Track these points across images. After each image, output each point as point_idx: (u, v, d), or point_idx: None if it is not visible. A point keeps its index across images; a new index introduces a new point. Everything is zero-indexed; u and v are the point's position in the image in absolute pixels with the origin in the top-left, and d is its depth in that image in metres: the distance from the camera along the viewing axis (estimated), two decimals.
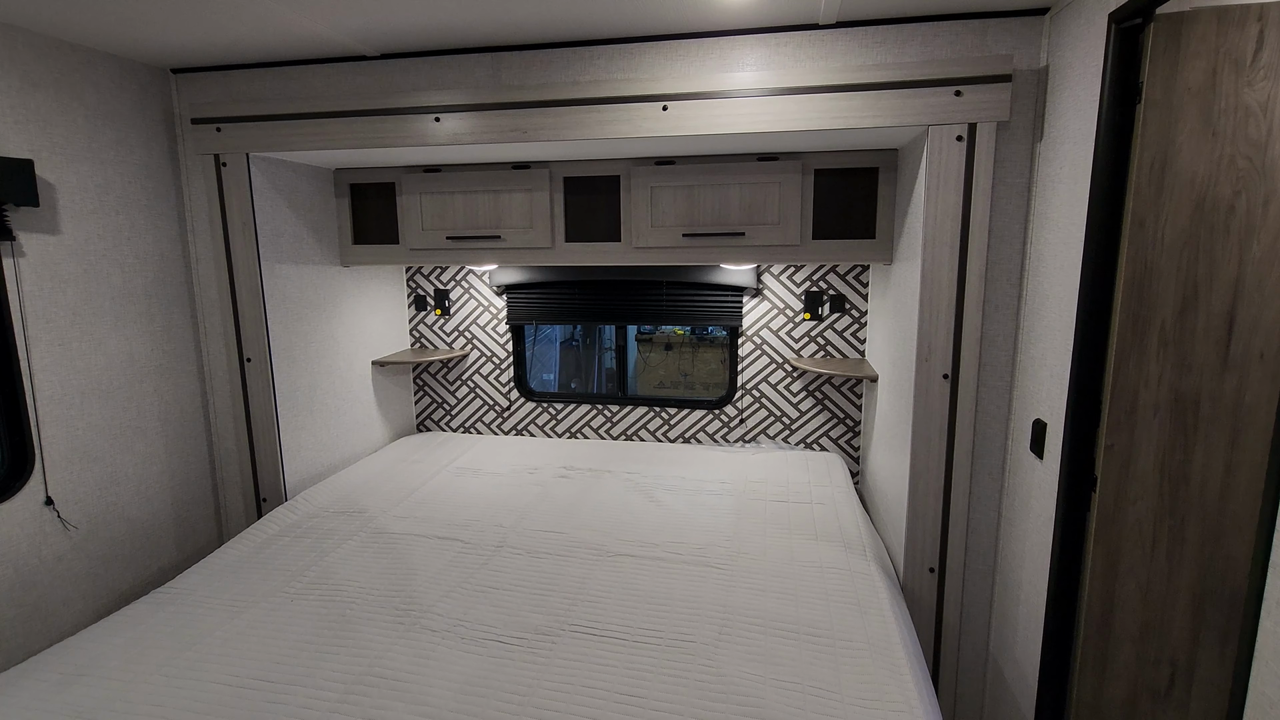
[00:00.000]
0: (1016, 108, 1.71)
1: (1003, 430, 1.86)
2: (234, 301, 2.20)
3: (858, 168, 2.19)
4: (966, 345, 1.79)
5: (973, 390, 1.80)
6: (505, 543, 1.99)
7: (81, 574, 1.96)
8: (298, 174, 2.36)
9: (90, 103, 1.94)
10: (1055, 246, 1.61)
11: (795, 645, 1.50)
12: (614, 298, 2.89)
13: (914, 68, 1.70)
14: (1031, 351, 1.73)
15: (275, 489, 2.30)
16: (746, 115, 1.80)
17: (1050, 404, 1.61)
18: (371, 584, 1.76)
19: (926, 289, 1.79)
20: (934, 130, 1.72)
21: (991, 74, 1.66)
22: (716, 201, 2.26)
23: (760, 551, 1.93)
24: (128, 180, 2.06)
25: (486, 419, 3.12)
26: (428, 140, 1.99)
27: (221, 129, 2.09)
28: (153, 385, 2.16)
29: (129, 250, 2.07)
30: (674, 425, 2.93)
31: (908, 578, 1.94)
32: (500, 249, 2.43)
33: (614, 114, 1.87)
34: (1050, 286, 1.63)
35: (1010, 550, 1.83)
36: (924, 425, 1.85)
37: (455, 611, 1.63)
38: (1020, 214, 1.77)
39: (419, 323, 3.11)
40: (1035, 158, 1.73)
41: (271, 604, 1.68)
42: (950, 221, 1.74)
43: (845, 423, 2.76)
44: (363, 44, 1.96)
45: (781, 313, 2.73)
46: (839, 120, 1.76)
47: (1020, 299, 1.80)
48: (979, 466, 1.88)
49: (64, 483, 1.90)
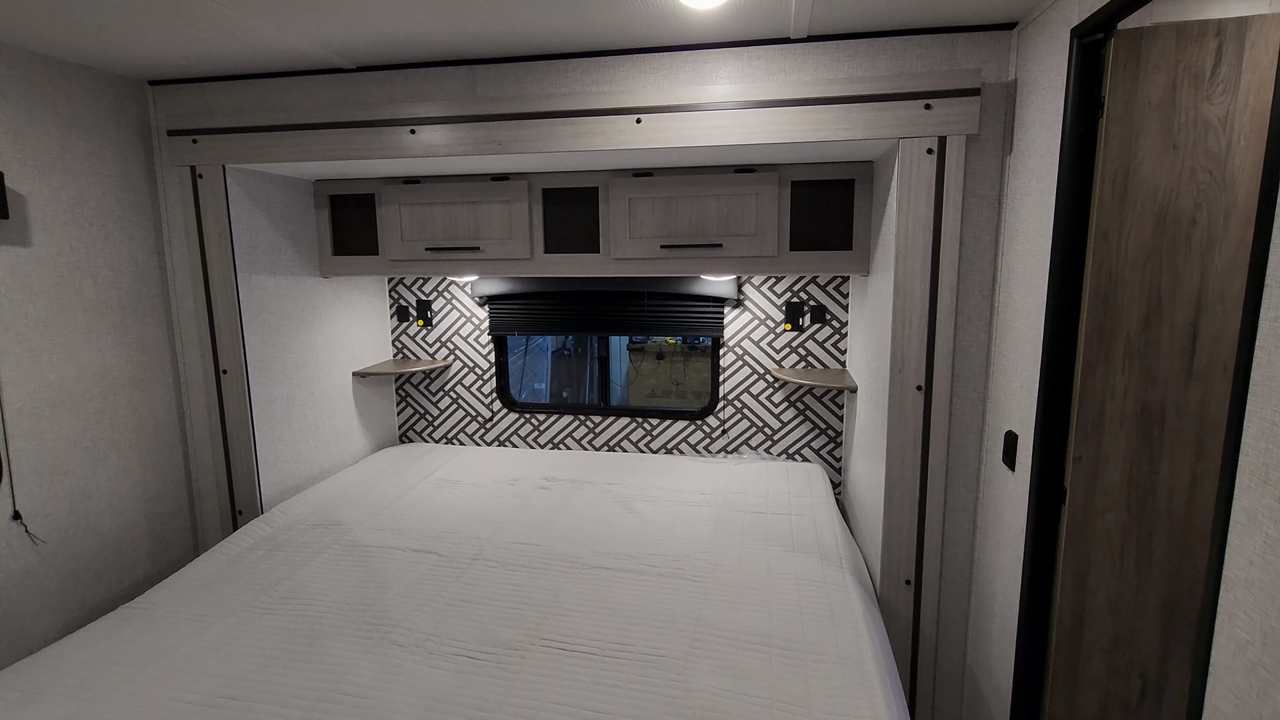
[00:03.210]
0: (986, 121, 1.73)
1: (977, 442, 1.86)
2: (210, 313, 2.19)
3: (834, 179, 2.20)
4: (939, 357, 1.79)
5: (946, 402, 1.80)
6: (481, 555, 1.98)
7: (51, 588, 1.94)
8: (276, 185, 2.35)
9: (64, 114, 1.94)
10: (1025, 258, 1.62)
11: (766, 659, 1.49)
12: (596, 308, 2.89)
13: (885, 81, 1.71)
14: (1003, 363, 1.73)
15: (251, 501, 2.28)
16: (720, 128, 1.81)
17: (1021, 415, 1.61)
18: (343, 598, 1.75)
19: (900, 300, 1.80)
20: (905, 143, 1.73)
21: (961, 87, 1.67)
22: (694, 213, 2.26)
23: (736, 563, 1.92)
24: (102, 192, 2.05)
25: (469, 430, 3.11)
26: (404, 152, 1.99)
27: (197, 140, 2.09)
28: (126, 397, 2.14)
29: (103, 262, 2.06)
30: (656, 436, 2.92)
31: (884, 590, 1.93)
32: (479, 260, 2.43)
33: (588, 126, 1.88)
34: (1020, 298, 1.64)
35: (985, 562, 1.83)
36: (898, 436, 1.85)
37: (425, 626, 1.62)
38: (991, 226, 1.78)
39: (401, 333, 3.10)
40: (1005, 170, 1.74)
41: (240, 618, 1.66)
42: (922, 233, 1.75)
43: (827, 433, 2.76)
44: (339, 56, 1.96)
45: (763, 323, 2.73)
46: (811, 133, 1.77)
47: (992, 310, 1.80)
48: (954, 478, 1.88)
49: (33, 496, 1.88)
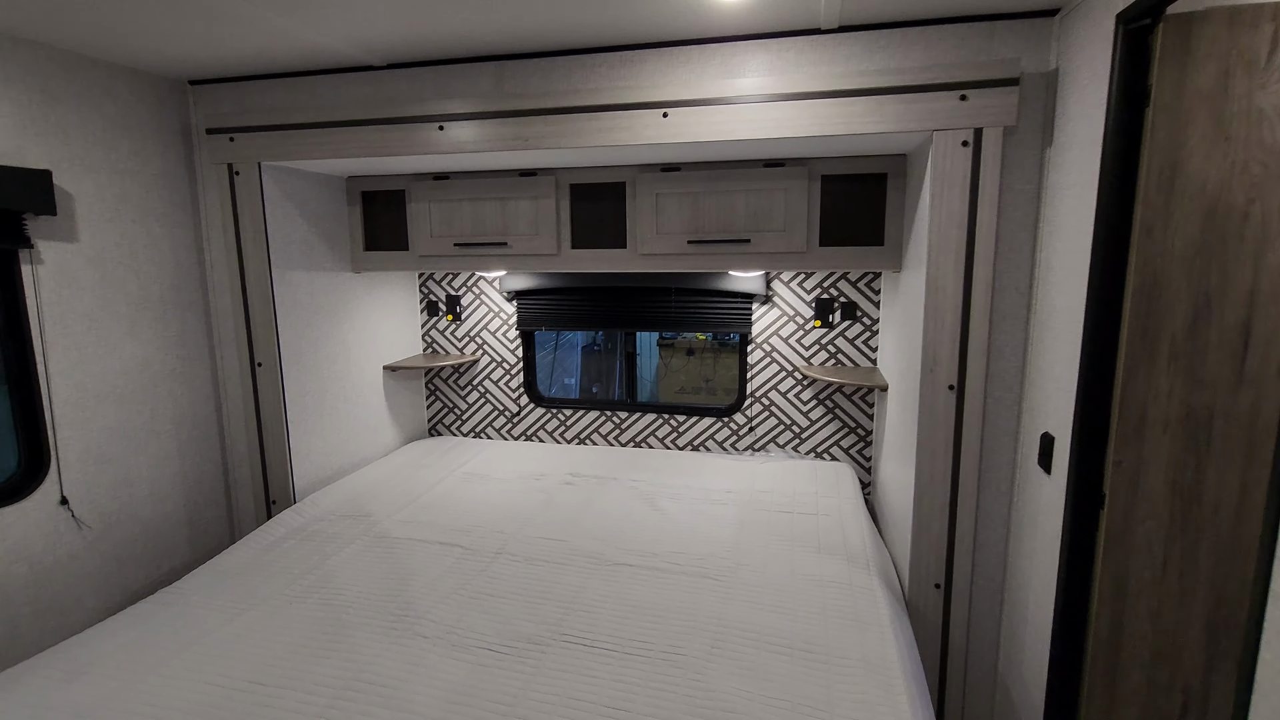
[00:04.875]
0: (1024, 112, 1.67)
1: (1011, 444, 1.80)
2: (246, 307, 2.25)
3: (866, 174, 2.15)
4: (973, 356, 1.74)
5: (979, 402, 1.75)
6: (505, 549, 1.99)
7: (94, 572, 2.01)
8: (309, 182, 2.40)
9: (109, 115, 2.00)
10: (1064, 255, 1.56)
11: (789, 661, 1.47)
12: (623, 304, 2.88)
13: (918, 72, 1.66)
14: (1040, 363, 1.68)
15: (284, 491, 2.34)
16: (748, 122, 1.78)
17: (1058, 418, 1.56)
18: (369, 589, 1.78)
19: (932, 298, 1.75)
20: (939, 135, 1.68)
21: (998, 78, 1.62)
22: (722, 208, 2.24)
23: (761, 564, 1.90)
24: (145, 190, 2.12)
25: (497, 424, 3.13)
26: (433, 148, 2.01)
27: (234, 139, 2.14)
28: (167, 389, 2.21)
29: (145, 258, 2.12)
30: (683, 432, 2.91)
31: (913, 594, 1.89)
32: (506, 256, 2.45)
33: (614, 121, 1.87)
34: (1059, 296, 1.58)
35: (1018, 567, 1.78)
36: (929, 437, 1.80)
37: (449, 618, 1.63)
38: (1029, 221, 1.72)
39: (431, 328, 3.14)
40: (1045, 163, 1.67)
41: (271, 607, 1.70)
42: (955, 229, 1.70)
43: (856, 432, 2.71)
44: (369, 54, 1.99)
45: (791, 320, 2.70)
46: (842, 126, 1.73)
47: (1029, 309, 1.74)
48: (986, 480, 1.83)
49: (78, 483, 1.95)
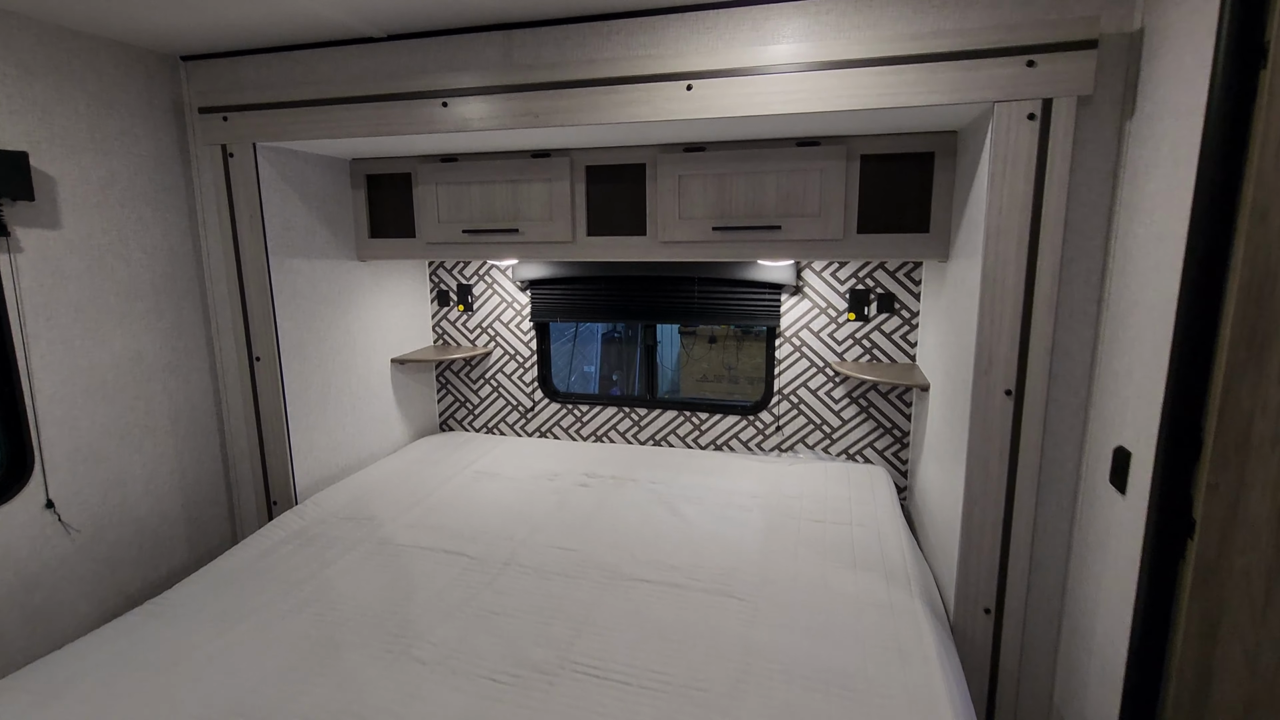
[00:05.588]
0: (1102, 79, 1.46)
1: (1075, 455, 1.61)
2: (243, 297, 2.13)
3: (911, 152, 1.95)
4: (1034, 356, 1.55)
5: (1040, 409, 1.56)
6: (514, 559, 1.86)
7: (87, 576, 1.92)
8: (311, 165, 2.26)
9: (93, 91, 1.88)
10: (1148, 242, 1.36)
11: (823, 698, 1.31)
12: (643, 294, 2.71)
13: (978, 35, 1.46)
14: (1114, 366, 1.48)
15: (285, 492, 2.23)
16: (781, 94, 1.60)
17: (1137, 429, 1.37)
18: (367, 603, 1.65)
19: (988, 291, 1.56)
20: (1001, 108, 1.48)
21: (1073, 39, 1.41)
22: (750, 191, 2.06)
23: (790, 580, 1.74)
24: (135, 172, 1.99)
25: (510, 419, 3.00)
26: (435, 127, 1.85)
27: (228, 118, 2.01)
28: (161, 383, 2.10)
29: (135, 244, 2.00)
30: (705, 431, 2.75)
31: (959, 617, 1.72)
32: (518, 243, 2.29)
33: (633, 95, 1.69)
34: (1140, 290, 1.38)
35: (1082, 594, 1.59)
36: (981, 446, 1.62)
37: (450, 639, 1.50)
38: (1103, 204, 1.51)
39: (442, 319, 3.00)
40: (1124, 137, 1.47)
41: (261, 620, 1.58)
42: (1018, 213, 1.50)
43: (892, 433, 2.52)
44: (369, 24, 1.83)
45: (823, 312, 2.51)
46: (889, 98, 1.54)
47: (1101, 304, 1.54)
48: (1046, 496, 1.64)
49: (66, 484, 1.85)
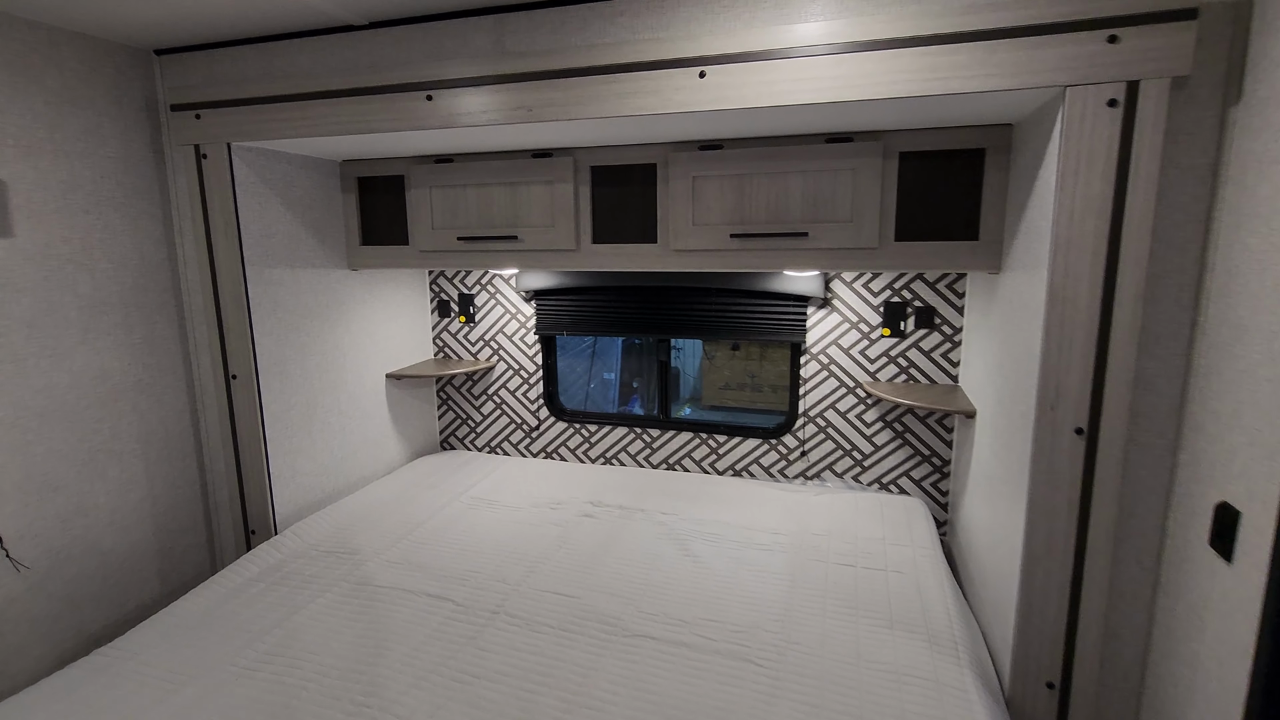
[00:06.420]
0: (1202, 57, 1.21)
1: (1161, 507, 1.36)
2: (218, 310, 1.96)
3: (958, 149, 1.71)
4: (1112, 390, 1.30)
5: (1119, 452, 1.31)
6: (504, 607, 1.66)
7: (42, 616, 1.76)
8: (295, 167, 2.09)
9: (53, 88, 1.72)
10: (1262, 255, 1.11)
11: None
12: (656, 306, 2.50)
13: (1046, 5, 1.22)
14: (1213, 406, 1.23)
15: (264, 521, 2.05)
16: (810, 81, 1.37)
17: (1248, 485, 1.11)
18: (334, 661, 1.46)
19: (1055, 311, 1.31)
20: (1074, 93, 1.24)
21: (1166, 8, 1.16)
22: (773, 194, 1.83)
23: (817, 642, 1.51)
24: (100, 175, 1.84)
25: (514, 439, 2.80)
26: (419, 123, 1.66)
27: (200, 116, 1.84)
28: (131, 403, 1.94)
29: (101, 254, 1.85)
30: (723, 455, 2.52)
31: (1016, 691, 1.47)
32: (517, 251, 2.09)
33: (640, 84, 1.48)
34: (1250, 313, 1.13)
35: (1170, 672, 1.33)
36: (1046, 493, 1.37)
37: (419, 711, 1.30)
38: (1200, 209, 1.26)
39: (442, 330, 2.82)
40: (1228, 127, 1.21)
41: (214, 679, 1.40)
42: (1094, 220, 1.26)
43: (931, 461, 2.27)
44: (348, 11, 1.65)
45: (855, 327, 2.27)
46: (937, 84, 1.30)
47: (1196, 328, 1.29)
48: (1123, 553, 1.39)
49: (16, 516, 1.69)
